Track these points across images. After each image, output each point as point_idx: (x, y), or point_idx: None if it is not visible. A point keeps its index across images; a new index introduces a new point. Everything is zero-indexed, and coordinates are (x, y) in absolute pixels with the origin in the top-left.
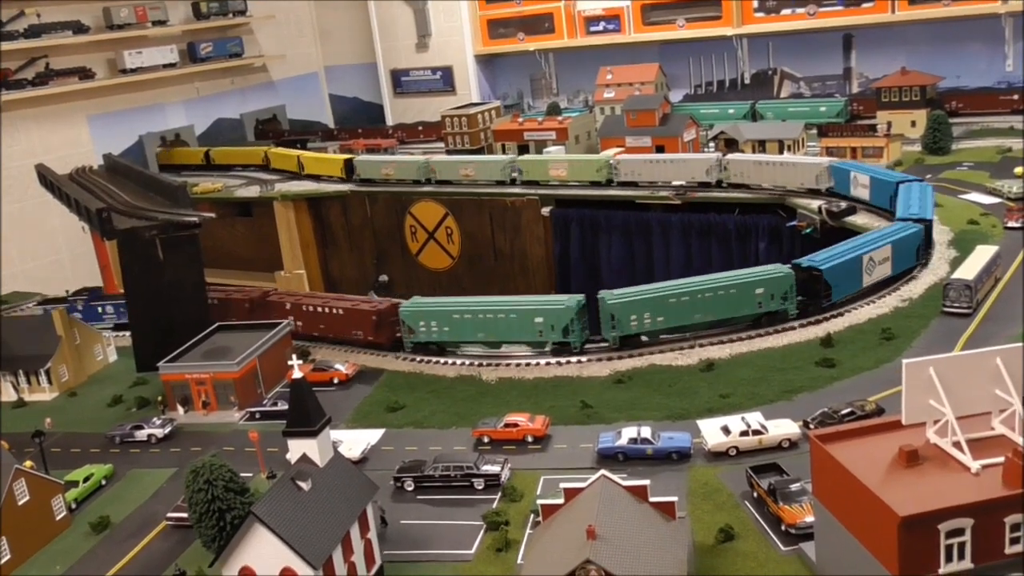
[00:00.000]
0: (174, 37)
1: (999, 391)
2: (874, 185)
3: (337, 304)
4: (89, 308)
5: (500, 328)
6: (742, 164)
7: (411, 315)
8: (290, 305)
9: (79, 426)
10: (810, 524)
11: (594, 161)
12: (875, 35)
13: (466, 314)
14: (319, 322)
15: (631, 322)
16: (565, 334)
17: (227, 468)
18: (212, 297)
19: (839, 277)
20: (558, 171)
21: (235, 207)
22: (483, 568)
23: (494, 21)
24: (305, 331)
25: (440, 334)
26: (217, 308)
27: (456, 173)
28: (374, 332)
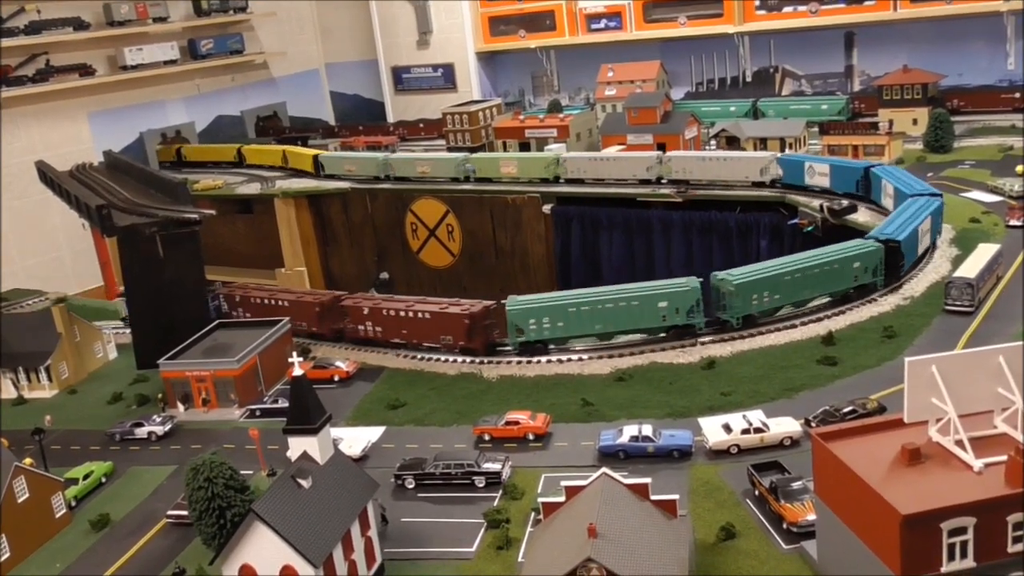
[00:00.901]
0: (175, 34)
1: (1001, 389)
2: (833, 173)
3: (423, 308)
4: None
5: (620, 317)
6: (683, 161)
7: (520, 313)
8: (368, 310)
9: (79, 423)
10: (812, 522)
11: (542, 159)
12: (877, 33)
13: (583, 306)
14: (401, 327)
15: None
16: (688, 316)
17: (227, 466)
18: (264, 299)
19: (909, 247)
20: (509, 168)
21: (235, 204)
22: (484, 566)
23: (495, 18)
24: (384, 337)
25: (552, 330)
26: (278, 310)
27: (413, 170)
28: (467, 337)
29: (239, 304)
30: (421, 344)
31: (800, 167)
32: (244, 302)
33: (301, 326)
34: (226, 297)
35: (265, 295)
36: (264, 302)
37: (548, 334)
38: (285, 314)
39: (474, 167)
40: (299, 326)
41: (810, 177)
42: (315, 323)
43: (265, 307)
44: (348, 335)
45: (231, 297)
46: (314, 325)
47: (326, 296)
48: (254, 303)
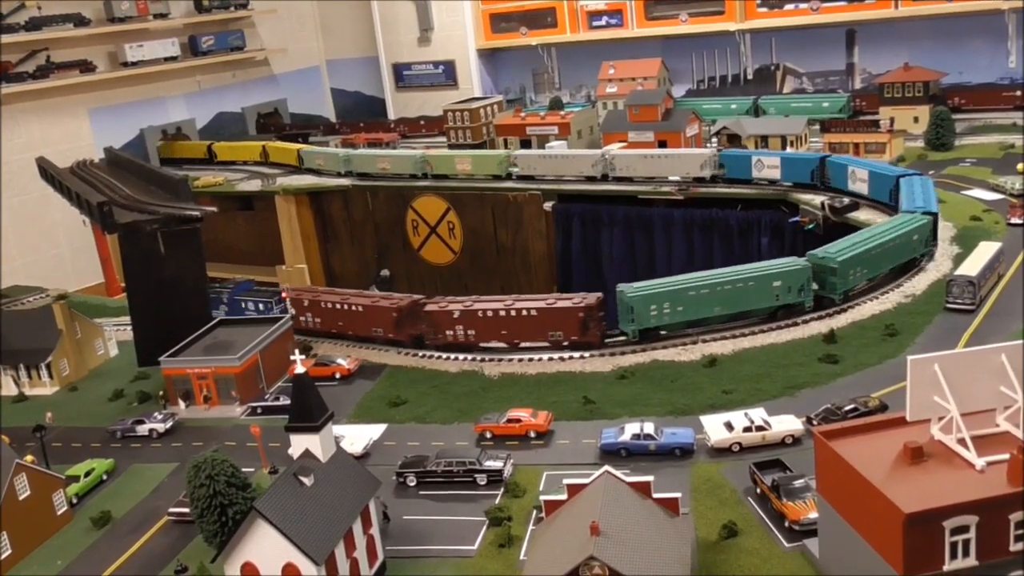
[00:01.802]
0: (175, 30)
1: (1004, 388)
2: (785, 165)
3: (527, 305)
4: (233, 302)
5: (737, 299)
6: (627, 158)
7: (642, 300)
8: (459, 313)
9: (80, 420)
10: (814, 520)
11: (494, 156)
12: (878, 31)
13: (703, 289)
14: (500, 328)
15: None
16: (799, 294)
17: (229, 463)
18: (336, 303)
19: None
20: (464, 166)
21: (236, 201)
22: (485, 564)
23: (496, 15)
24: (478, 340)
25: (673, 315)
26: (351, 316)
27: (374, 166)
28: (580, 331)
29: (307, 309)
30: (518, 344)
31: (748, 161)
32: (313, 307)
33: (377, 332)
34: (293, 301)
35: (336, 299)
36: (335, 307)
37: (668, 319)
38: (359, 320)
39: (431, 164)
40: (375, 332)
41: (758, 171)
42: (392, 329)
43: (336, 312)
44: (431, 341)
45: (298, 301)
46: (391, 332)
47: (404, 300)
48: (324, 308)
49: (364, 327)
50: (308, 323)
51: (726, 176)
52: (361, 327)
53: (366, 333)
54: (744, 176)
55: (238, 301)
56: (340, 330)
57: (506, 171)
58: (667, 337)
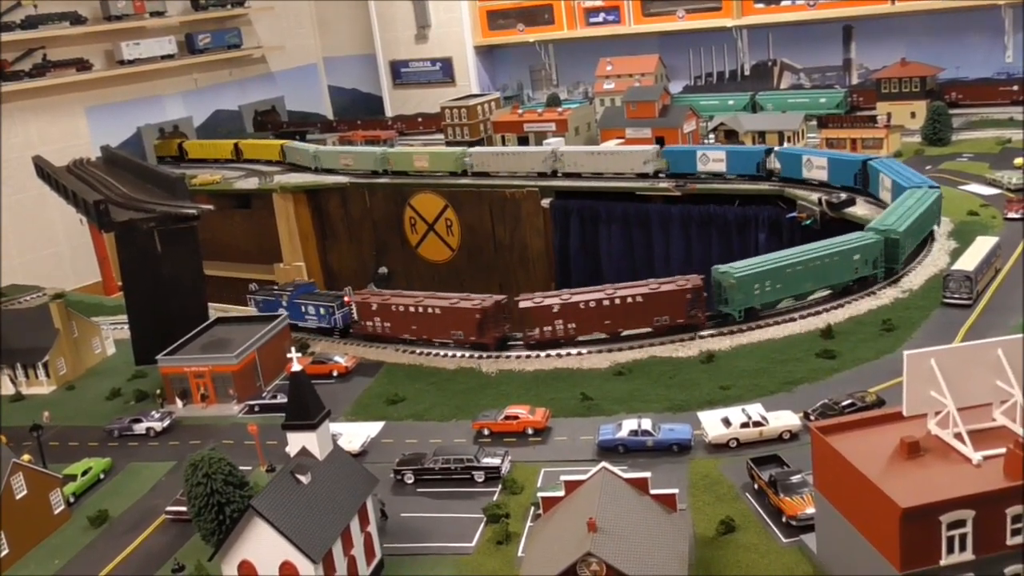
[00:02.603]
0: (172, 28)
1: (1000, 382)
2: (730, 158)
3: (628, 292)
4: (293, 306)
5: (825, 273)
6: (574, 155)
7: (746, 280)
8: (558, 307)
9: (77, 419)
10: (811, 516)
11: (451, 153)
12: (875, 26)
13: (798, 266)
14: (603, 318)
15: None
16: (873, 267)
17: (226, 461)
18: (409, 307)
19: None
20: (421, 162)
21: (233, 199)
22: (484, 561)
23: (493, 12)
24: (581, 332)
25: (773, 292)
26: (427, 319)
27: (338, 162)
28: (685, 314)
29: (375, 313)
30: (631, 330)
31: (691, 156)
32: (383, 311)
33: (456, 336)
34: (359, 306)
35: (410, 302)
36: (408, 310)
37: (769, 297)
38: (437, 323)
39: (390, 160)
40: (454, 336)
41: (703, 164)
42: (474, 332)
43: (409, 316)
44: (526, 339)
45: (365, 306)
46: (472, 334)
47: (487, 300)
48: (395, 312)
49: (442, 331)
50: (375, 328)
51: (669, 171)
52: (438, 331)
53: (443, 337)
54: (689, 170)
55: (298, 305)
56: (414, 335)
57: (461, 168)
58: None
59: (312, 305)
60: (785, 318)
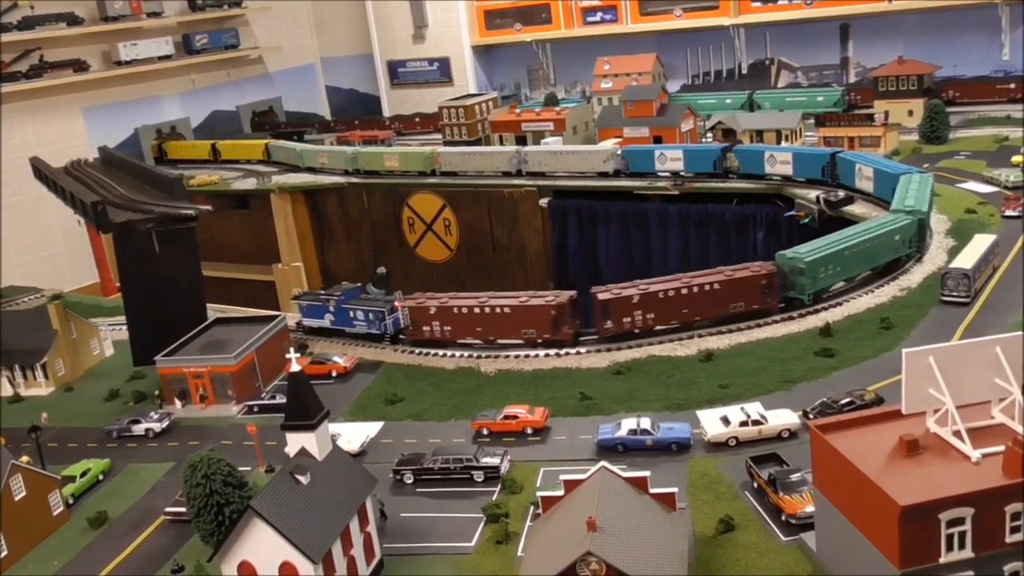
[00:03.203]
0: (169, 29)
1: (999, 380)
2: (688, 157)
3: (705, 280)
4: (341, 311)
5: (874, 255)
6: (539, 155)
7: (816, 263)
8: (638, 297)
9: (76, 421)
10: (810, 514)
11: (419, 153)
12: (872, 24)
13: (855, 248)
14: (681, 306)
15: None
16: (909, 246)
17: (225, 462)
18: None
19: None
20: (391, 162)
21: (232, 200)
22: (483, 560)
23: (490, 12)
24: (660, 321)
25: (834, 275)
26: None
27: (316, 161)
28: (761, 300)
29: (434, 317)
30: (696, 320)
31: (650, 156)
32: (442, 314)
33: (528, 334)
34: (414, 311)
35: (473, 303)
36: (472, 311)
37: (831, 280)
38: (506, 323)
39: (361, 160)
40: (525, 335)
41: (661, 163)
42: (548, 329)
43: (473, 317)
44: (603, 332)
45: (422, 310)
46: (546, 331)
47: (560, 296)
48: (457, 314)
49: (511, 330)
50: (432, 333)
51: (629, 170)
52: (507, 331)
53: (512, 337)
54: (648, 169)
55: (346, 311)
56: (478, 336)
57: (430, 167)
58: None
59: (361, 310)
60: (784, 316)
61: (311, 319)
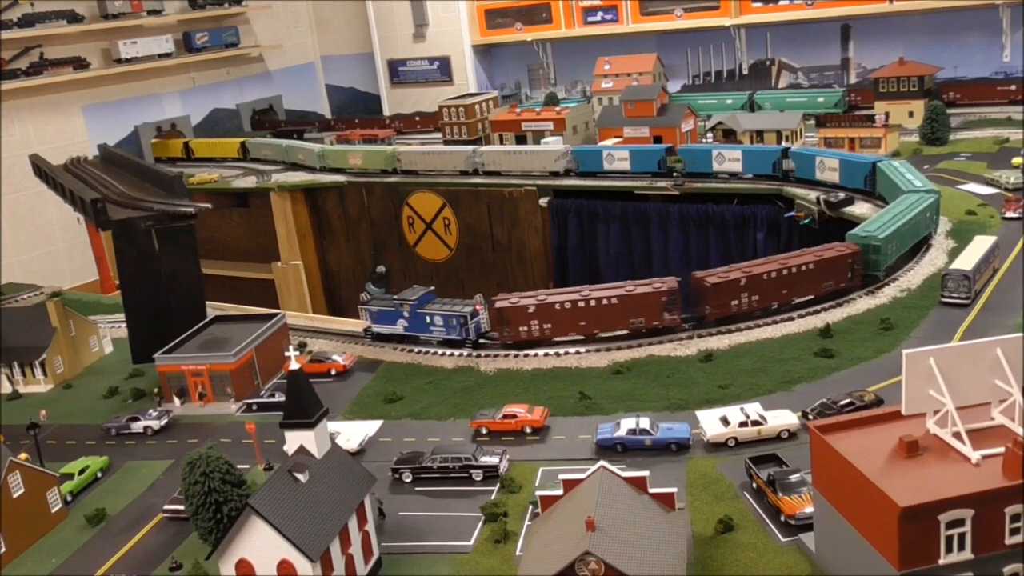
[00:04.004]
0: (169, 27)
1: (999, 381)
2: (633, 157)
3: (802, 260)
4: (416, 317)
5: (914, 231)
6: (493, 155)
7: (887, 239)
8: (744, 280)
9: (74, 418)
10: (809, 515)
11: (381, 151)
12: (873, 25)
13: (906, 226)
14: (780, 287)
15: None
16: (932, 223)
17: (224, 460)
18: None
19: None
20: (356, 160)
21: (231, 198)
22: (482, 559)
23: (491, 11)
24: (763, 303)
25: (895, 252)
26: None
27: (297, 156)
28: (847, 278)
29: (532, 316)
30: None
31: (598, 155)
32: (542, 312)
33: (637, 323)
34: (509, 312)
35: (576, 298)
36: (575, 306)
37: (894, 257)
38: (613, 314)
39: (329, 156)
40: (634, 323)
41: (609, 163)
42: (657, 317)
43: (577, 312)
44: (711, 316)
45: (519, 310)
46: (655, 319)
47: (665, 283)
48: (559, 310)
49: (619, 321)
50: (531, 332)
51: (579, 170)
52: (614, 322)
53: (620, 327)
54: (596, 168)
55: (422, 316)
56: (581, 331)
57: (392, 166)
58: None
59: (440, 315)
60: (784, 317)
61: (381, 325)
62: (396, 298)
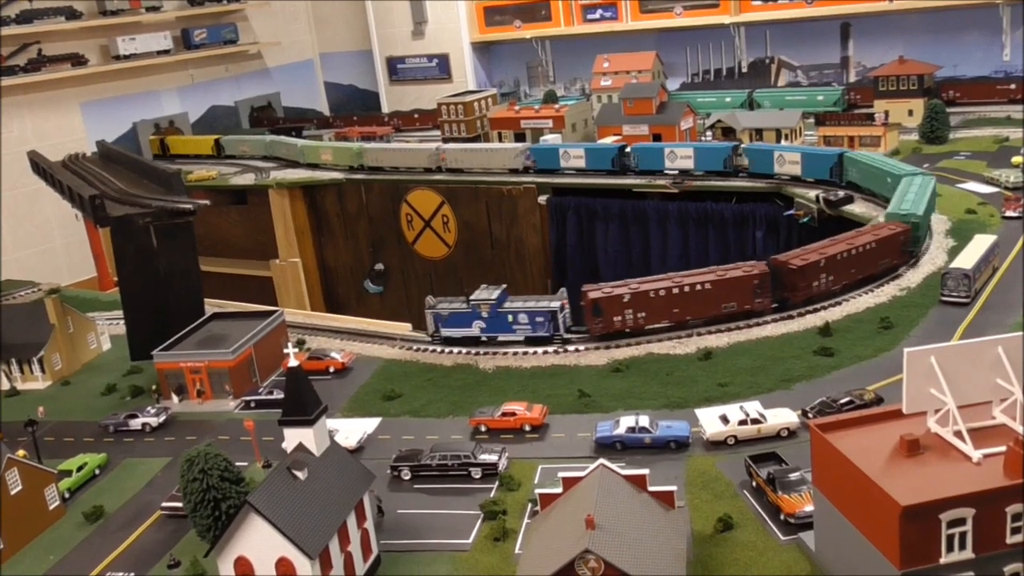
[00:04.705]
0: (168, 23)
1: (1000, 380)
2: (588, 155)
3: (854, 243)
4: (497, 317)
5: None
6: (453, 152)
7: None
8: (824, 261)
9: (72, 415)
10: (809, 513)
11: (349, 148)
12: (873, 24)
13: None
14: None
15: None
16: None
17: (222, 457)
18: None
19: None
20: (326, 156)
21: (230, 195)
22: (481, 557)
23: (490, 8)
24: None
25: (925, 228)
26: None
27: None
28: (902, 256)
29: (627, 305)
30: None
31: (555, 153)
32: (638, 301)
33: (730, 307)
34: (605, 302)
35: (668, 285)
36: (670, 293)
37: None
38: (707, 299)
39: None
40: (727, 308)
41: (565, 161)
42: (749, 300)
43: (671, 299)
44: (795, 297)
45: (614, 300)
46: (747, 303)
47: (756, 266)
48: (654, 298)
49: (712, 306)
50: (626, 322)
51: (536, 167)
52: (707, 307)
53: (712, 312)
54: (552, 166)
55: (503, 315)
56: (674, 319)
57: (358, 162)
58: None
59: (525, 313)
60: (783, 315)
61: (452, 329)
62: (471, 299)
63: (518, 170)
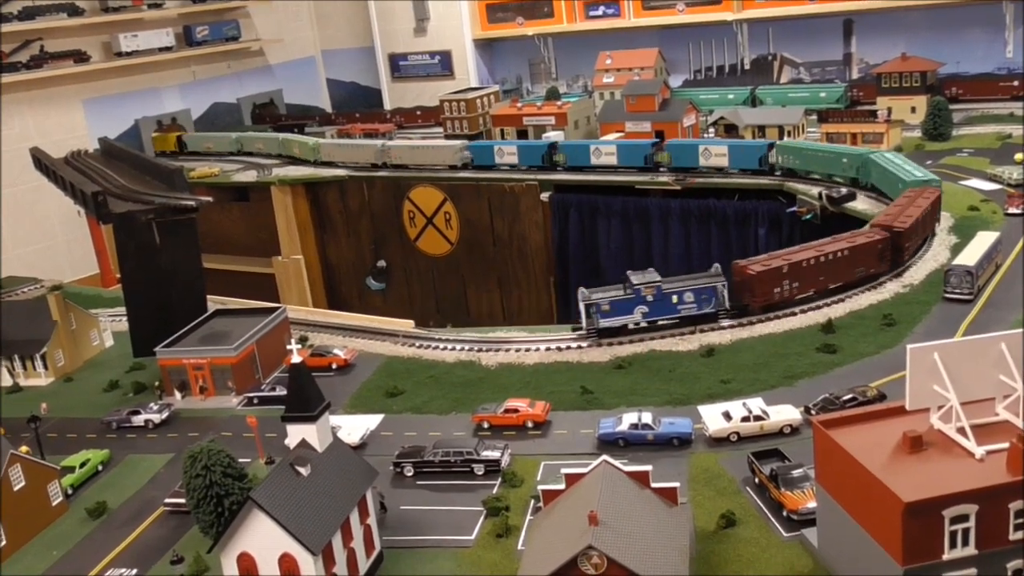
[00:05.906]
0: (170, 20)
1: (1003, 377)
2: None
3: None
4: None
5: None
6: (399, 149)
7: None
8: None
9: (75, 411)
10: (812, 510)
11: (306, 143)
12: (875, 20)
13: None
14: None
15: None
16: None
17: (225, 453)
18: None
19: None
20: (296, 150)
21: (232, 192)
22: (483, 554)
23: (493, 5)
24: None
25: None
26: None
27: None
28: (878, 264)
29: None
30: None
31: (490, 150)
32: (793, 272)
33: (860, 271)
34: (763, 275)
35: (813, 254)
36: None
37: None
38: (843, 266)
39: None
40: (858, 272)
41: (500, 157)
42: (875, 264)
43: (820, 267)
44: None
45: (773, 272)
46: (873, 266)
47: (874, 231)
48: (805, 267)
49: (847, 271)
50: (783, 293)
51: (473, 164)
52: (843, 273)
53: (847, 278)
54: (488, 163)
55: (667, 296)
56: (818, 287)
57: (316, 157)
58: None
59: (690, 291)
60: (786, 312)
61: (612, 319)
62: (634, 284)
63: (456, 166)
